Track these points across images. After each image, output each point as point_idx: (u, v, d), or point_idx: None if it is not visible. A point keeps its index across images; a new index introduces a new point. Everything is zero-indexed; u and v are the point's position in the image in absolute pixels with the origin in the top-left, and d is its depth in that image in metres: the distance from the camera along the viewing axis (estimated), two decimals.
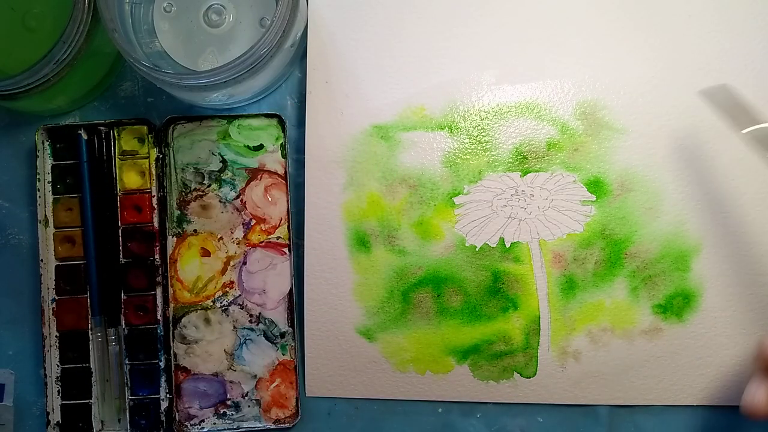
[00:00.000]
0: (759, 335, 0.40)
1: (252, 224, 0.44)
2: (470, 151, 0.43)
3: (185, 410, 0.43)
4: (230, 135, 0.44)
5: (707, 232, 0.42)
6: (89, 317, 0.43)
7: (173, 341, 0.43)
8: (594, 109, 0.43)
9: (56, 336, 0.43)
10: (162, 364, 0.43)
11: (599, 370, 0.42)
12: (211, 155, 0.44)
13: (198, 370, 0.44)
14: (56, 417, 0.43)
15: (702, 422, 0.42)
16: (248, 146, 0.44)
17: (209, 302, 0.44)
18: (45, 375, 0.43)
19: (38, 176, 0.43)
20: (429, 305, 0.43)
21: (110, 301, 0.43)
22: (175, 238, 0.44)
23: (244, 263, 0.44)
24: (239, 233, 0.44)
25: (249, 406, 0.43)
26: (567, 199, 0.42)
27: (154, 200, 0.43)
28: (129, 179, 0.44)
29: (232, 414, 0.43)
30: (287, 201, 0.44)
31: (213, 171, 0.44)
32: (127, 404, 0.43)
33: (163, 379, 0.43)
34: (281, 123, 0.44)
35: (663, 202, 0.42)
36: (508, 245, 0.42)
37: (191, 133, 0.44)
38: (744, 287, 0.42)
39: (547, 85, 0.43)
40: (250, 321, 0.44)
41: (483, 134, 0.43)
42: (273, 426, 0.43)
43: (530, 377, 0.42)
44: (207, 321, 0.43)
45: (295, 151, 0.44)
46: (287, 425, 0.43)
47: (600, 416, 0.42)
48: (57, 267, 0.44)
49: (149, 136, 0.43)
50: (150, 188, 0.43)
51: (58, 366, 0.43)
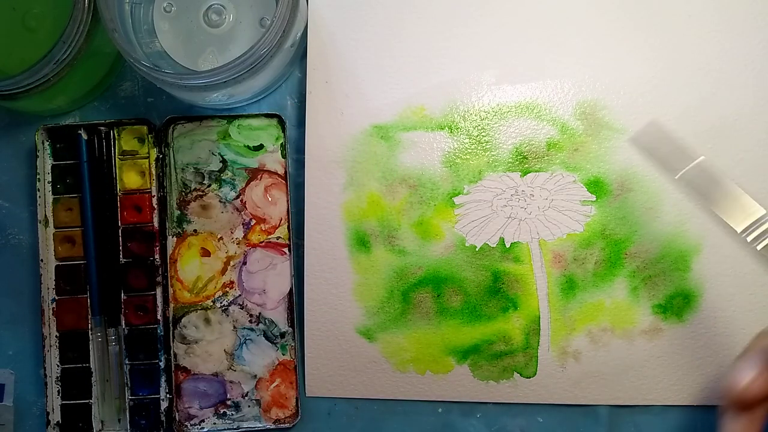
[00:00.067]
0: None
1: (252, 224, 0.44)
2: (470, 151, 0.43)
3: (185, 410, 0.43)
4: (230, 135, 0.44)
5: (707, 232, 0.42)
6: (89, 317, 0.43)
7: (173, 341, 0.43)
8: (594, 109, 0.43)
9: (56, 336, 0.43)
10: (162, 364, 0.43)
11: (599, 370, 0.42)
12: (211, 155, 0.44)
13: (198, 370, 0.44)
14: (56, 417, 0.43)
15: (702, 422, 0.42)
16: (248, 146, 0.44)
17: (209, 302, 0.44)
18: (45, 375, 0.43)
19: (38, 176, 0.43)
20: (429, 305, 0.43)
21: (110, 301, 0.43)
22: (175, 238, 0.44)
23: (244, 263, 0.44)
24: (239, 233, 0.44)
25: (249, 406, 0.43)
26: (567, 199, 0.42)
27: (154, 200, 0.43)
28: (129, 179, 0.44)
29: (232, 414, 0.43)
30: (287, 201, 0.43)
31: (213, 171, 0.44)
32: (127, 404, 0.43)
33: (163, 379, 0.43)
34: (281, 123, 0.44)
35: (663, 202, 0.42)
36: (508, 245, 0.42)
37: (191, 133, 0.44)
38: (744, 287, 0.42)
39: (547, 85, 0.43)
40: (250, 321, 0.44)
41: (483, 134, 0.43)
42: (273, 426, 0.43)
43: (530, 377, 0.42)
44: (207, 321, 0.43)
45: (295, 151, 0.44)
46: (287, 425, 0.43)
47: (600, 416, 0.42)
48: (57, 267, 0.44)
49: (149, 136, 0.43)
50: (150, 188, 0.43)
51: (58, 366, 0.43)
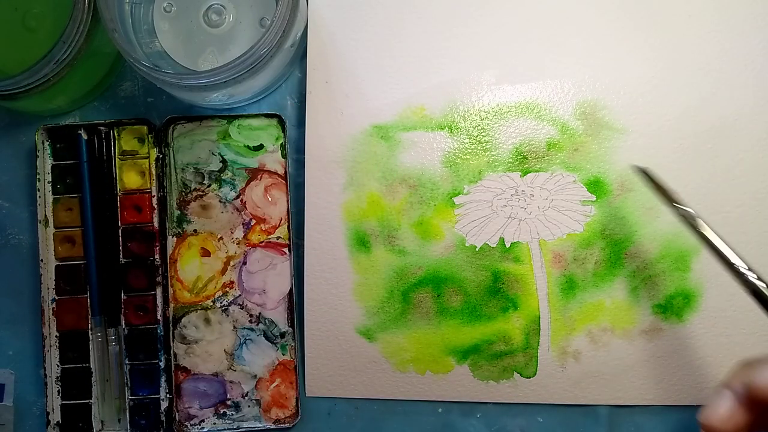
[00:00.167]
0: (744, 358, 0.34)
1: (252, 224, 0.44)
2: (470, 151, 0.43)
3: (185, 410, 0.43)
4: (230, 135, 0.44)
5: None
6: (89, 317, 0.43)
7: (173, 341, 0.43)
8: (594, 109, 0.43)
9: (56, 336, 0.43)
10: (162, 364, 0.43)
11: (599, 370, 0.42)
12: (211, 155, 0.44)
13: (198, 370, 0.44)
14: (56, 417, 0.43)
15: None
16: (248, 146, 0.44)
17: (209, 302, 0.44)
18: (45, 375, 0.43)
19: (38, 176, 0.43)
20: (429, 305, 0.43)
21: (110, 301, 0.43)
22: (175, 238, 0.44)
23: (244, 263, 0.44)
24: (239, 233, 0.44)
25: (249, 406, 0.43)
26: (567, 199, 0.42)
27: (154, 200, 0.43)
28: (129, 179, 0.44)
29: (232, 414, 0.43)
30: (287, 201, 0.43)
31: (213, 171, 0.44)
32: (127, 404, 0.43)
33: (163, 379, 0.43)
34: (281, 123, 0.44)
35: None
36: (508, 245, 0.42)
37: (191, 133, 0.44)
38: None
39: (547, 85, 0.43)
40: (250, 321, 0.44)
41: (483, 134, 0.43)
42: (273, 426, 0.43)
43: (530, 377, 0.42)
44: (207, 321, 0.43)
45: (295, 151, 0.44)
46: (287, 425, 0.43)
47: (600, 416, 0.42)
48: (57, 267, 0.44)
49: (149, 136, 0.43)
50: (150, 188, 0.43)
51: (58, 366, 0.43)
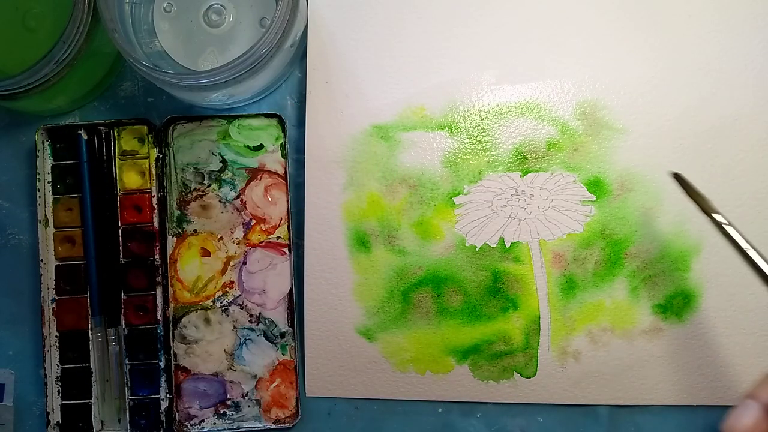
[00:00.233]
0: None
1: (252, 224, 0.44)
2: (470, 151, 0.43)
3: (185, 410, 0.43)
4: (230, 135, 0.44)
5: (707, 232, 0.42)
6: (89, 317, 0.43)
7: (173, 341, 0.43)
8: (594, 109, 0.43)
9: (56, 336, 0.43)
10: (162, 364, 0.43)
11: (599, 370, 0.42)
12: (211, 155, 0.44)
13: (198, 370, 0.43)
14: (56, 417, 0.43)
15: (702, 422, 0.42)
16: (248, 146, 0.44)
17: (209, 302, 0.44)
18: (45, 375, 0.43)
19: (38, 176, 0.43)
20: (429, 305, 0.43)
21: (110, 301, 0.43)
22: (175, 238, 0.44)
23: (244, 263, 0.44)
24: (239, 233, 0.44)
25: (249, 406, 0.43)
26: (567, 199, 0.42)
27: (154, 200, 0.43)
28: (129, 179, 0.44)
29: (232, 414, 0.43)
30: (287, 201, 0.43)
31: (213, 171, 0.44)
32: (127, 404, 0.43)
33: (163, 379, 0.43)
34: (281, 123, 0.44)
35: (663, 202, 0.42)
36: (508, 245, 0.42)
37: (191, 133, 0.44)
38: (744, 287, 0.42)
39: (547, 85, 0.43)
40: (250, 321, 0.44)
41: (483, 134, 0.43)
42: (273, 426, 0.43)
43: (530, 377, 0.42)
44: (207, 321, 0.43)
45: (295, 151, 0.44)
46: (287, 425, 0.43)
47: (600, 416, 0.42)
48: (57, 267, 0.44)
49: (149, 136, 0.43)
50: (150, 188, 0.43)
51: (58, 366, 0.43)
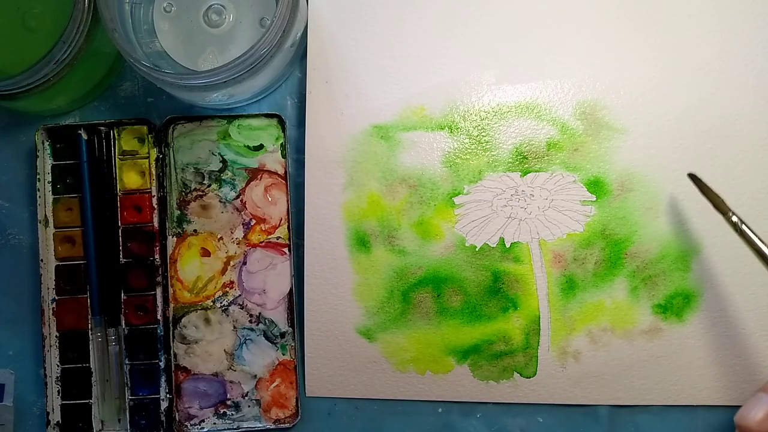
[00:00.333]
0: None
1: (252, 224, 0.44)
2: (470, 151, 0.43)
3: (185, 410, 0.43)
4: (230, 135, 0.44)
5: (707, 232, 0.42)
6: (89, 317, 0.43)
7: (173, 341, 0.43)
8: (594, 109, 0.43)
9: (56, 336, 0.43)
10: (162, 364, 0.43)
11: (599, 370, 0.42)
12: (211, 155, 0.44)
13: (198, 370, 0.43)
14: (56, 417, 0.43)
15: (702, 422, 0.42)
16: (248, 146, 0.44)
17: (209, 302, 0.44)
18: (45, 375, 0.43)
19: (38, 176, 0.43)
20: (429, 305, 0.43)
21: (110, 301, 0.43)
22: (175, 238, 0.44)
23: (244, 263, 0.44)
24: (239, 233, 0.44)
25: (249, 406, 0.43)
26: (567, 199, 0.42)
27: (154, 200, 0.43)
28: (129, 179, 0.44)
29: (232, 414, 0.43)
30: (287, 201, 0.43)
31: (213, 171, 0.44)
32: (127, 404, 0.43)
33: (163, 379, 0.43)
34: (281, 123, 0.44)
35: (663, 202, 0.42)
36: (508, 245, 0.42)
37: (191, 133, 0.44)
38: (744, 287, 0.42)
39: (547, 85, 0.43)
40: (250, 321, 0.44)
41: (483, 134, 0.43)
42: (273, 426, 0.43)
43: (530, 377, 0.42)
44: (207, 321, 0.43)
45: (295, 151, 0.44)
46: (287, 425, 0.43)
47: (600, 416, 0.42)
48: (57, 267, 0.44)
49: (149, 136, 0.43)
50: (150, 188, 0.43)
51: (58, 366, 0.43)
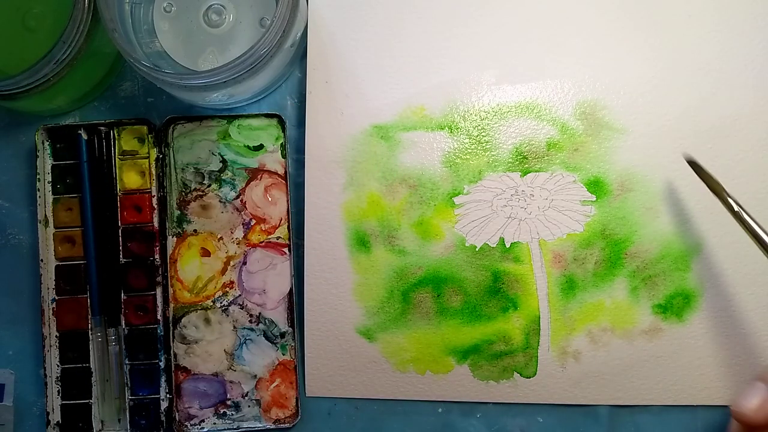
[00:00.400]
0: None
1: (252, 224, 0.44)
2: (470, 151, 0.43)
3: (185, 410, 0.43)
4: (230, 135, 0.44)
5: (707, 232, 0.42)
6: (89, 317, 0.43)
7: (173, 341, 0.43)
8: (594, 109, 0.43)
9: (56, 336, 0.43)
10: (162, 364, 0.43)
11: (599, 370, 0.42)
12: (211, 155, 0.44)
13: (198, 370, 0.44)
14: (56, 417, 0.43)
15: (702, 422, 0.42)
16: (248, 146, 0.44)
17: (209, 302, 0.44)
18: (45, 375, 0.43)
19: (38, 176, 0.43)
20: (429, 305, 0.43)
21: (110, 301, 0.43)
22: (175, 238, 0.44)
23: (244, 263, 0.44)
24: (239, 233, 0.44)
25: (249, 406, 0.43)
26: (567, 199, 0.42)
27: (154, 200, 0.43)
28: (129, 179, 0.44)
29: (232, 414, 0.43)
30: (287, 201, 0.43)
31: (213, 171, 0.44)
32: (127, 404, 0.43)
33: (163, 379, 0.43)
34: (281, 123, 0.44)
35: (663, 202, 0.42)
36: (508, 245, 0.42)
37: (191, 133, 0.44)
38: (744, 287, 0.42)
39: (547, 85, 0.43)
40: (250, 321, 0.44)
41: (483, 134, 0.43)
42: (273, 426, 0.43)
43: (530, 377, 0.42)
44: (207, 321, 0.43)
45: (295, 151, 0.44)
46: (287, 425, 0.43)
47: (600, 416, 0.42)
48: (57, 267, 0.44)
49: (149, 136, 0.43)
50: (150, 188, 0.43)
51: (58, 366, 0.43)
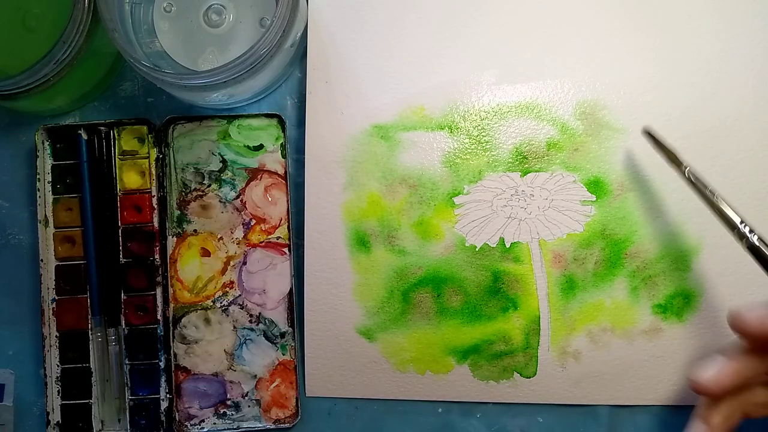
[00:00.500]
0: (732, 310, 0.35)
1: (252, 224, 0.44)
2: (470, 151, 0.43)
3: (185, 410, 0.43)
4: (230, 135, 0.44)
5: (707, 232, 0.42)
6: (89, 317, 0.43)
7: (173, 341, 0.43)
8: (594, 109, 0.43)
9: (56, 336, 0.43)
10: (162, 364, 0.43)
11: (599, 370, 0.42)
12: (211, 155, 0.44)
13: (198, 370, 0.44)
14: (56, 417, 0.43)
15: None
16: (248, 146, 0.44)
17: (209, 302, 0.44)
18: (45, 375, 0.43)
19: (38, 176, 0.43)
20: (429, 305, 0.43)
21: (110, 301, 0.43)
22: (175, 238, 0.44)
23: (244, 263, 0.44)
24: (239, 233, 0.44)
25: (249, 406, 0.43)
26: (567, 199, 0.42)
27: (154, 200, 0.43)
28: (129, 179, 0.44)
29: (232, 414, 0.43)
30: (287, 201, 0.43)
31: (213, 171, 0.44)
32: (127, 404, 0.43)
33: (163, 379, 0.43)
34: (281, 123, 0.44)
35: (663, 202, 0.42)
36: (508, 245, 0.42)
37: (191, 133, 0.44)
38: (744, 287, 0.42)
39: (547, 85, 0.43)
40: (250, 321, 0.44)
41: (483, 134, 0.43)
42: (273, 426, 0.43)
43: (530, 377, 0.42)
44: (207, 321, 0.43)
45: (295, 151, 0.44)
46: (287, 425, 0.43)
47: (600, 416, 0.42)
48: (57, 267, 0.44)
49: (149, 136, 0.43)
50: (150, 188, 0.43)
51: (58, 366, 0.43)
